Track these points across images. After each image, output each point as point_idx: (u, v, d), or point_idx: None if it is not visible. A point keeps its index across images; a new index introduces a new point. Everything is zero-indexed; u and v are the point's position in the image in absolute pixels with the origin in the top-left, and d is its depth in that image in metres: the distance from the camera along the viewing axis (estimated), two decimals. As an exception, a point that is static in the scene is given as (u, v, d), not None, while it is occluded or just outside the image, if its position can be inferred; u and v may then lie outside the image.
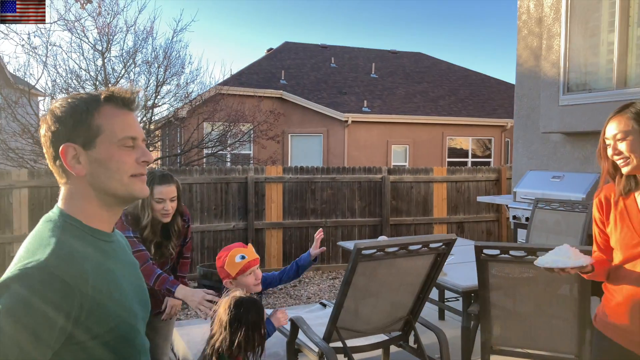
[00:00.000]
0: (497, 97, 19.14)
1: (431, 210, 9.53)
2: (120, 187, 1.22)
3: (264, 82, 16.77)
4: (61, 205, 1.23)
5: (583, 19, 5.44)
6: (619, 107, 2.00)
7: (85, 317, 1.09)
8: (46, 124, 1.21)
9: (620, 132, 1.93)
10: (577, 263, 1.96)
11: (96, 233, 1.22)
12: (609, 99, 5.10)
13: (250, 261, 2.65)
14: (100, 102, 1.22)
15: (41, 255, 1.08)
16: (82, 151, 1.19)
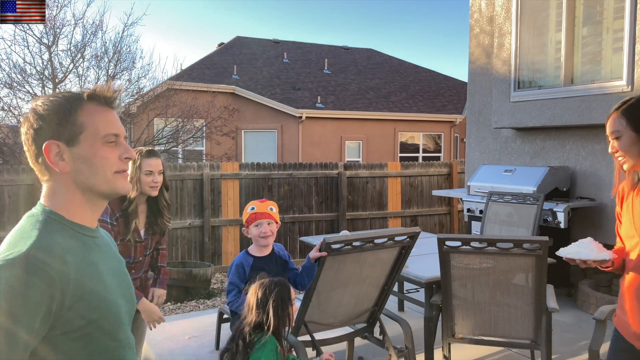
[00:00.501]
0: (446, 94, 19.62)
1: (386, 205, 9.69)
2: (104, 183, 1.24)
3: (216, 77, 16.56)
4: (44, 202, 1.23)
5: (532, 18, 5.66)
6: (616, 104, 2.01)
7: (67, 309, 1.09)
8: (28, 122, 1.22)
9: (613, 130, 1.96)
10: (600, 256, 1.97)
11: (79, 228, 1.23)
12: (557, 96, 5.33)
13: (257, 213, 2.84)
14: (83, 100, 1.23)
15: (22, 247, 1.08)
16: (65, 148, 1.20)
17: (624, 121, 1.92)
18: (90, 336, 1.14)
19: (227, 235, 8.50)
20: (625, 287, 2.01)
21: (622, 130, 1.92)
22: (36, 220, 1.18)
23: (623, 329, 2.03)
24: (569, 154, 5.57)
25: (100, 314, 1.16)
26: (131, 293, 1.35)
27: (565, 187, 5.39)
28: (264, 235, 2.86)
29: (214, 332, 4.50)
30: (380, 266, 3.33)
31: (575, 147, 5.51)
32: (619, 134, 1.93)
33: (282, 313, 2.18)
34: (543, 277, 3.23)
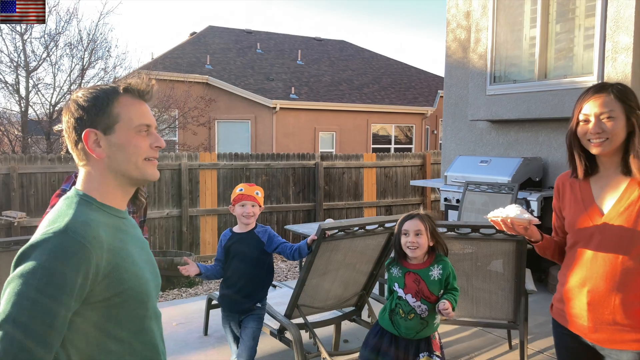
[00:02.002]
0: (417, 86, 19.90)
1: (362, 195, 9.87)
2: (134, 169, 1.36)
3: (189, 67, 16.42)
4: (79, 186, 1.36)
5: (508, 14, 5.87)
6: (595, 86, 1.93)
7: (102, 278, 1.21)
8: (69, 112, 1.34)
9: (607, 111, 1.85)
10: (522, 216, 1.94)
11: (110, 209, 1.35)
12: (531, 90, 5.56)
13: (243, 194, 3.09)
14: (119, 92, 1.35)
15: (60, 223, 1.20)
16: (102, 136, 1.32)
17: (618, 104, 1.85)
18: (122, 305, 1.26)
19: (205, 225, 8.55)
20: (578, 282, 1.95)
21: (617, 113, 1.84)
22: (71, 201, 1.30)
23: (569, 322, 2.00)
24: (542, 145, 5.81)
25: (130, 285, 1.27)
26: (156, 270, 1.48)
27: (538, 177, 5.63)
28: (247, 214, 3.10)
29: (200, 318, 4.58)
30: (370, 252, 3.47)
31: (548, 139, 5.75)
32: (614, 114, 1.84)
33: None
34: (523, 261, 3.42)
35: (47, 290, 1.12)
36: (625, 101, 1.85)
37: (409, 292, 2.60)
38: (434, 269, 2.61)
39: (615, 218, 1.87)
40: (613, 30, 4.87)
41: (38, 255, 1.14)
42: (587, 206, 1.95)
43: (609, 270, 1.85)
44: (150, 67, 12.79)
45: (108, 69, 9.75)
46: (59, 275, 1.13)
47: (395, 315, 2.64)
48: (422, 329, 2.61)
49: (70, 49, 9.15)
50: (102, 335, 1.24)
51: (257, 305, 3.14)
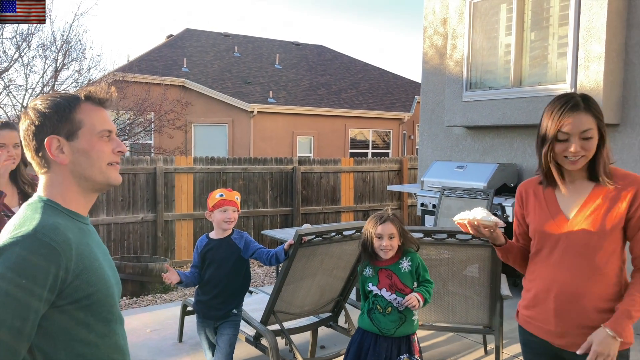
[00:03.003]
0: (394, 92, 20.04)
1: (339, 200, 9.87)
2: (98, 174, 1.38)
3: (165, 70, 16.26)
4: (41, 192, 1.36)
5: (484, 22, 5.94)
6: (570, 103, 1.87)
7: (70, 280, 1.22)
8: (29, 119, 1.34)
9: (587, 129, 1.84)
10: (487, 218, 1.95)
11: (74, 214, 1.36)
12: (506, 96, 5.63)
13: (225, 200, 3.06)
14: (81, 99, 1.38)
15: (28, 227, 1.21)
16: (65, 142, 1.34)
17: (593, 121, 1.86)
18: (90, 307, 1.28)
19: (181, 230, 8.44)
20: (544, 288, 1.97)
21: (593, 130, 1.85)
22: (36, 207, 1.31)
23: (536, 327, 2.01)
24: (517, 151, 5.89)
25: (98, 288, 1.29)
26: (117, 276, 1.48)
27: (513, 183, 5.70)
28: (228, 220, 3.06)
29: (175, 325, 4.51)
30: (347, 257, 3.46)
31: (522, 146, 5.83)
32: (592, 133, 1.85)
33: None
34: (498, 267, 3.45)
35: (18, 294, 1.13)
36: (597, 116, 1.87)
37: (383, 287, 2.71)
38: (404, 262, 2.74)
39: (581, 223, 1.89)
40: (585, 39, 4.96)
41: (5, 259, 1.15)
42: (553, 212, 1.97)
43: (574, 275, 1.88)
44: (126, 70, 12.63)
45: (82, 70, 9.60)
46: (30, 277, 1.14)
47: (373, 313, 2.73)
48: (402, 324, 2.70)
49: (43, 50, 8.99)
50: (69, 338, 1.26)
51: (233, 312, 3.11)
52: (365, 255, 2.76)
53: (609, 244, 1.88)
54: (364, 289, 2.79)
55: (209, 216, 3.12)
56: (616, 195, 1.87)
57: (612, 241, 1.88)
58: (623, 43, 5.00)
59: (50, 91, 9.34)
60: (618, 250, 1.91)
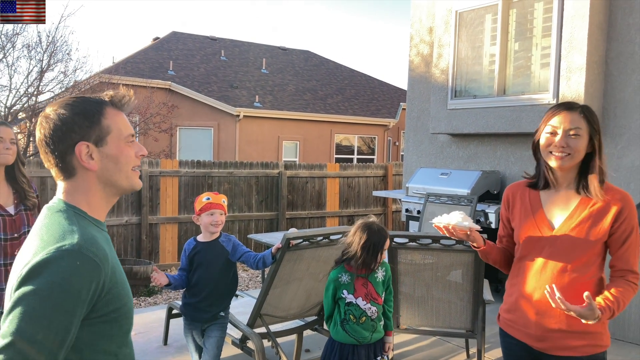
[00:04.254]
0: (380, 98, 20.18)
1: (324, 205, 9.92)
2: (125, 179, 1.37)
3: (151, 72, 16.20)
4: (64, 198, 1.33)
5: (470, 31, 6.05)
6: (565, 103, 1.99)
7: (105, 294, 1.22)
8: (53, 124, 1.30)
9: (575, 127, 1.91)
10: (462, 223, 2.00)
11: (97, 222, 1.35)
12: (490, 105, 5.73)
13: (212, 203, 3.07)
14: (107, 104, 1.36)
15: (72, 239, 1.19)
16: (94, 148, 1.31)
17: (585, 124, 1.93)
18: (116, 320, 1.27)
19: (165, 233, 8.42)
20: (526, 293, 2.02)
21: (583, 132, 1.92)
22: (68, 215, 1.28)
23: (517, 331, 2.06)
24: (500, 159, 5.99)
25: (125, 301, 1.29)
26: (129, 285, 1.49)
27: (496, 190, 5.79)
28: (215, 223, 3.08)
29: (159, 328, 4.51)
30: (333, 262, 3.50)
31: (506, 153, 5.94)
32: (580, 132, 1.91)
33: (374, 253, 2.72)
34: (481, 272, 3.52)
35: (63, 309, 1.12)
36: (591, 122, 1.93)
37: (359, 296, 2.76)
38: (379, 272, 2.82)
39: (566, 234, 1.95)
40: (568, 50, 5.08)
41: (52, 273, 1.13)
42: (538, 220, 2.02)
43: (556, 282, 1.92)
44: (112, 72, 12.57)
45: (68, 72, 9.53)
46: (75, 293, 1.13)
47: (347, 324, 2.76)
48: (374, 332, 2.78)
49: (28, 51, 8.91)
50: (94, 350, 1.24)
51: (220, 314, 3.13)
52: (345, 262, 2.79)
53: (591, 256, 1.94)
54: (335, 296, 2.81)
55: (196, 220, 3.13)
56: (602, 210, 1.92)
57: (594, 253, 1.94)
58: (603, 55, 5.13)
59: (35, 92, 9.26)
60: (599, 261, 1.97)
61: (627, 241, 1.92)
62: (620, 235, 1.91)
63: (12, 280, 1.18)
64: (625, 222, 1.91)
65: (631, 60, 4.99)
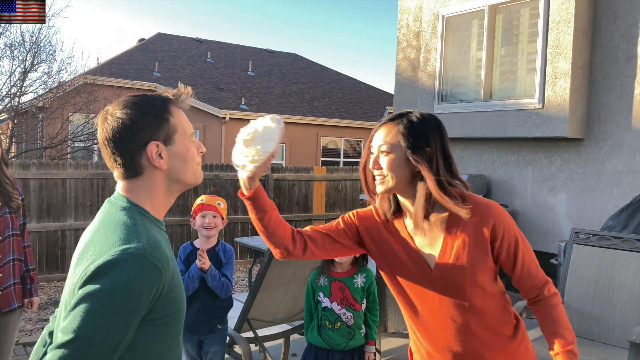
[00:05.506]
0: (366, 102, 20.24)
1: (311, 208, 9.91)
2: (192, 175, 1.38)
3: (136, 74, 16.08)
4: (126, 194, 1.32)
5: (456, 36, 6.09)
6: (395, 114, 1.67)
7: (162, 298, 1.22)
8: (121, 123, 1.28)
9: (385, 144, 1.61)
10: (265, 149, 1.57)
11: (159, 223, 1.35)
12: (476, 110, 5.77)
13: (204, 204, 2.96)
14: (171, 102, 1.36)
15: (138, 242, 1.19)
16: (163, 147, 1.31)
17: (401, 139, 1.59)
18: (170, 323, 1.27)
19: (151, 236, 8.35)
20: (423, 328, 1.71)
21: (396, 148, 1.59)
22: (132, 214, 1.27)
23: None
24: (486, 163, 6.04)
25: (179, 306, 1.29)
26: None
27: (482, 194, 5.83)
28: (207, 226, 2.97)
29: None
30: (321, 265, 3.49)
31: (492, 158, 5.98)
32: (391, 149, 1.60)
33: None
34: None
35: (124, 311, 1.13)
36: (408, 136, 1.59)
37: (335, 300, 2.75)
38: (358, 277, 2.78)
39: (447, 272, 1.61)
40: (553, 56, 5.13)
41: (116, 275, 1.13)
42: (413, 257, 1.67)
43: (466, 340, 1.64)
44: (97, 73, 12.43)
45: (52, 72, 9.42)
46: (136, 297, 1.14)
47: (322, 329, 2.76)
48: (351, 339, 2.76)
49: (11, 51, 8.78)
50: (146, 351, 1.24)
51: (217, 327, 3.00)
52: (322, 263, 2.80)
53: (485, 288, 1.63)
54: (312, 300, 2.81)
55: (192, 223, 3.04)
56: (475, 231, 1.59)
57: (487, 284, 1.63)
58: (588, 61, 5.20)
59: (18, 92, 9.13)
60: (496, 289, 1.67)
61: (517, 255, 1.62)
62: (508, 252, 1.61)
63: (76, 276, 1.19)
64: (505, 237, 1.60)
65: (615, 67, 5.06)
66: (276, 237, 1.69)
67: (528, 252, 1.64)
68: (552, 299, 1.65)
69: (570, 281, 3.58)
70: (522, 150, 5.62)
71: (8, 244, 2.87)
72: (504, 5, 5.62)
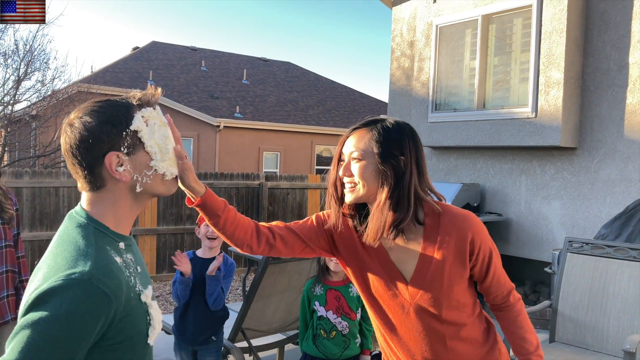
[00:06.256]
0: (361, 110, 20.31)
1: (305, 216, 9.84)
2: (160, 185, 1.28)
3: (130, 82, 16.07)
4: (88, 209, 1.23)
5: (450, 46, 6.13)
6: (366, 120, 1.63)
7: (116, 324, 1.14)
8: (78, 134, 1.19)
9: (357, 150, 1.55)
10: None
11: (121, 238, 1.24)
12: (470, 118, 5.80)
13: None
14: (135, 107, 1.25)
15: (83, 267, 1.10)
16: (125, 157, 1.21)
17: (374, 145, 1.54)
18: (131, 348, 1.19)
19: (144, 245, 8.29)
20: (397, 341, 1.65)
21: (368, 155, 1.53)
22: (87, 232, 1.19)
23: None
24: (480, 172, 6.06)
25: (140, 328, 1.21)
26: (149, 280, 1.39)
27: (476, 203, 5.85)
28: (211, 236, 2.94)
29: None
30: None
31: (485, 166, 6.00)
32: (363, 156, 1.54)
33: None
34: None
35: (66, 342, 1.05)
36: (382, 143, 1.53)
37: (330, 309, 2.74)
38: (353, 287, 2.75)
39: (424, 287, 1.56)
40: (546, 65, 5.17)
41: (58, 303, 1.05)
42: (390, 274, 1.61)
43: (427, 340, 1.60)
44: (91, 81, 12.43)
45: (46, 81, 9.39)
46: (80, 325, 1.06)
47: (318, 339, 2.76)
48: (346, 348, 2.75)
49: (4, 59, 8.76)
50: None
51: (212, 338, 2.96)
52: (319, 271, 2.80)
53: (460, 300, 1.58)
54: (307, 309, 2.81)
55: (197, 232, 3.03)
56: (455, 245, 1.54)
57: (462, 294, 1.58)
58: (580, 70, 5.24)
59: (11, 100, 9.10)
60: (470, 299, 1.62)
61: (490, 267, 1.58)
62: (482, 266, 1.57)
63: (23, 301, 1.12)
64: (481, 250, 1.56)
65: (607, 76, 5.10)
66: (235, 238, 1.62)
67: (499, 261, 1.62)
68: (517, 304, 1.65)
69: (564, 290, 3.59)
70: (516, 159, 5.65)
71: (1, 256, 2.84)
72: (497, 15, 5.67)
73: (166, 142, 1.28)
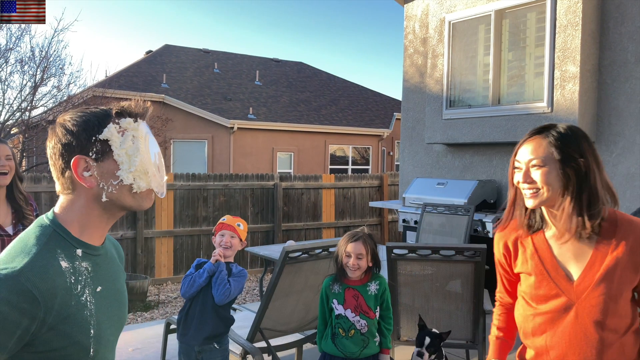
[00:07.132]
0: (374, 108, 20.25)
1: (320, 216, 9.89)
2: (129, 197, 1.26)
3: (144, 86, 16.20)
4: (58, 211, 1.24)
5: (463, 42, 6.08)
6: (536, 128, 1.68)
7: (47, 330, 1.12)
8: (56, 137, 1.22)
9: (537, 158, 1.60)
10: None
11: (83, 246, 1.23)
12: (485, 114, 5.75)
13: (224, 224, 3.04)
14: (112, 117, 1.25)
15: (17, 264, 1.10)
16: (93, 163, 1.21)
17: (552, 151, 1.60)
18: (69, 356, 1.16)
19: (161, 247, 8.36)
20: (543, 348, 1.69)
21: (548, 161, 1.59)
22: (42, 233, 1.19)
23: None
24: (496, 168, 6.01)
25: (76, 339, 1.17)
26: (123, 311, 1.36)
27: (492, 200, 5.80)
28: (224, 245, 3.00)
29: (157, 344, 4.46)
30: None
31: (501, 163, 5.95)
32: (544, 163, 1.59)
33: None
34: (481, 282, 3.51)
35: None
36: (561, 148, 1.59)
37: (348, 307, 2.75)
38: (372, 285, 2.79)
39: (591, 286, 1.59)
40: (561, 59, 5.11)
41: None
42: (551, 269, 1.66)
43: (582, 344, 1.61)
44: (105, 85, 12.57)
45: (61, 86, 9.51)
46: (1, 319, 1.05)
47: (337, 338, 2.76)
48: (365, 347, 2.75)
49: (21, 66, 8.89)
50: None
51: (214, 346, 2.96)
52: (335, 271, 2.81)
53: (625, 311, 1.59)
54: (326, 307, 2.81)
55: (213, 240, 3.09)
56: (630, 250, 1.57)
57: (628, 305, 1.60)
58: (597, 64, 5.17)
59: (28, 107, 9.23)
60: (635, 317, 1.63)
61: None
62: None
63: None
64: None
65: (624, 69, 5.03)
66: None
67: None
68: None
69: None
70: (532, 155, 5.58)
71: None
72: (510, 10, 5.61)
73: (136, 154, 1.25)
